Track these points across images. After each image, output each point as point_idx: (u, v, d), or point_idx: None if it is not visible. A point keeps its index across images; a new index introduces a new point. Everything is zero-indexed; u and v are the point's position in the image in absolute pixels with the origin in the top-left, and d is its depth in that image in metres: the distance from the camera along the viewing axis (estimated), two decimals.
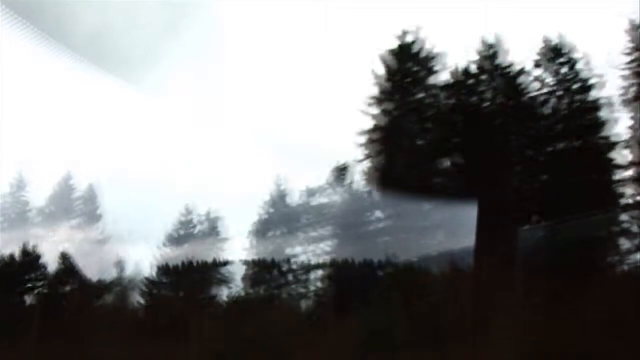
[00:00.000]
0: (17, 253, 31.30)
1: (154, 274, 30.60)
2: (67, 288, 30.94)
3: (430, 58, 24.39)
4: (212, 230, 31.51)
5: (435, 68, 24.33)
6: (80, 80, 22.66)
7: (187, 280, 29.82)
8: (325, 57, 29.80)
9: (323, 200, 30.74)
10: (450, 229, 22.80)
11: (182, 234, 32.56)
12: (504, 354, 14.89)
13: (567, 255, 19.37)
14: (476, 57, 24.12)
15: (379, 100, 24.87)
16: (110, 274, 30.58)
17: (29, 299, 30.51)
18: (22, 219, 32.77)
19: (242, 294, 28.04)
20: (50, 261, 31.44)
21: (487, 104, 23.60)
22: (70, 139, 32.57)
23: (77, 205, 32.97)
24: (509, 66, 24.22)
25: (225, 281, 29.45)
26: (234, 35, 33.75)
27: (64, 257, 31.15)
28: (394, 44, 24.91)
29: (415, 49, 24.62)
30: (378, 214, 28.18)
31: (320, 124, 31.55)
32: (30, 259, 31.59)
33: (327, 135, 32.91)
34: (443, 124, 23.21)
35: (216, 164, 32.70)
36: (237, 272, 29.46)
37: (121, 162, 32.44)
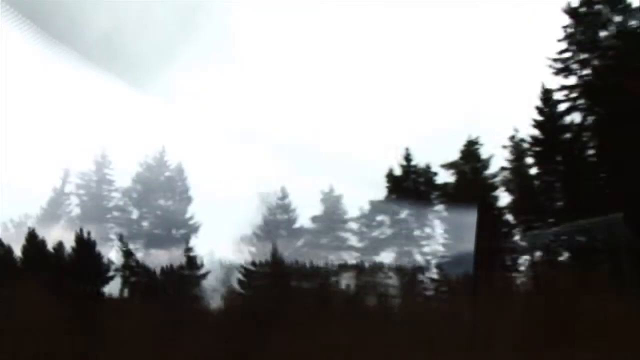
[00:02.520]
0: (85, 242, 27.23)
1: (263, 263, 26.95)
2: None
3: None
4: (331, 211, 28.03)
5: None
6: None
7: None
8: None
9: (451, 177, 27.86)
10: None
11: (284, 218, 29.09)
12: None
13: None
14: None
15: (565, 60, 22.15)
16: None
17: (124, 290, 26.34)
18: (106, 200, 28.75)
19: None
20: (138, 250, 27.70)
21: None
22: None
23: (165, 187, 29.05)
24: None
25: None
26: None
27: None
28: None
29: None
30: None
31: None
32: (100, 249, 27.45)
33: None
34: None
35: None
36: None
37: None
